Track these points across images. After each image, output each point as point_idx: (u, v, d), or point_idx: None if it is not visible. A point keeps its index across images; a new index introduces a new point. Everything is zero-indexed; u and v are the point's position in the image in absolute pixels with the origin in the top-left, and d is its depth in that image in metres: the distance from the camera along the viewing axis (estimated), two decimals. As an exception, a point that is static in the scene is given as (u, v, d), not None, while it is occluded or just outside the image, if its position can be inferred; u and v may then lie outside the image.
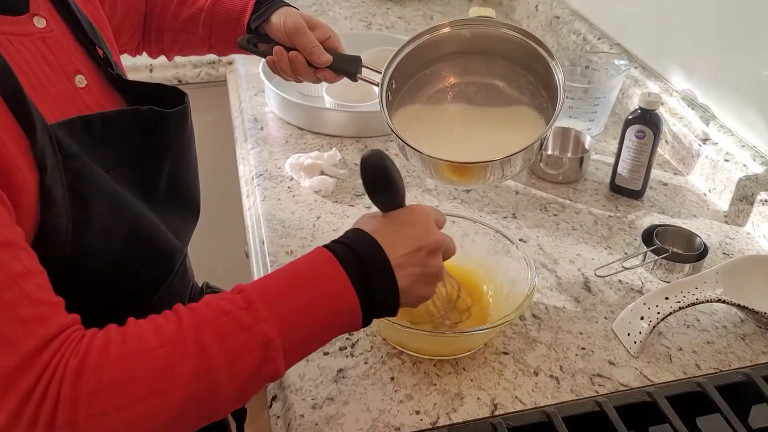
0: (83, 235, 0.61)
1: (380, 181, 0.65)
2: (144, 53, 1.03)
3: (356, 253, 0.61)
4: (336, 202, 1.06)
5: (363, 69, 0.93)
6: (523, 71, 0.89)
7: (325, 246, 0.63)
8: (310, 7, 1.76)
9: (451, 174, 0.85)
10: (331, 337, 0.62)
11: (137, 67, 1.47)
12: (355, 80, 0.93)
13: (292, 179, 1.10)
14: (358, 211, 1.04)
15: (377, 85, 0.89)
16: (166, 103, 0.73)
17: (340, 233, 0.99)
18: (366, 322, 0.62)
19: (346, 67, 0.93)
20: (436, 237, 0.66)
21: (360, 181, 1.10)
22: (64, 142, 0.60)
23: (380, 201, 0.67)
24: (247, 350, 0.55)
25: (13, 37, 0.62)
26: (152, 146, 0.72)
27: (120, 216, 0.65)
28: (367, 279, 0.61)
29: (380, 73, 0.89)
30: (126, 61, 1.44)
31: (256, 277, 0.95)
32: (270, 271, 0.90)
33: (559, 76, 0.83)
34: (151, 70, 1.48)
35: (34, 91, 0.62)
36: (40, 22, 0.66)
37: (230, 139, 1.33)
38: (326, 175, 1.09)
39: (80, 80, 0.69)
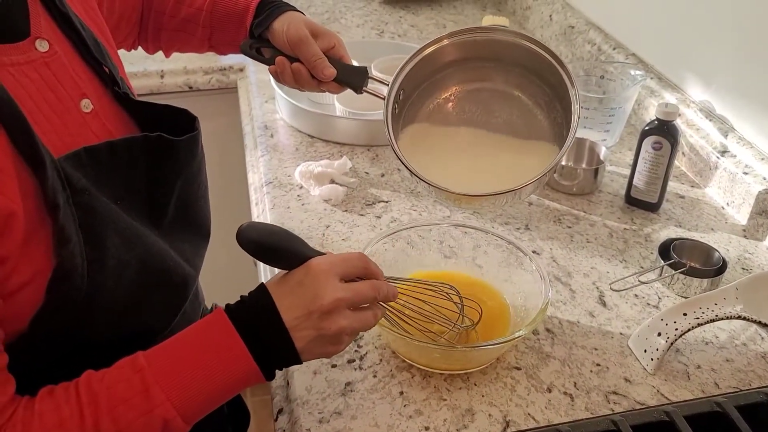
0: (98, 273, 0.59)
1: (261, 253, 0.65)
2: (140, 48, 1.01)
3: (253, 317, 0.62)
4: (346, 211, 1.04)
5: (369, 81, 0.91)
6: (539, 81, 0.87)
7: (226, 307, 0.63)
8: (322, 15, 1.75)
9: (457, 201, 0.83)
10: (236, 393, 0.63)
11: (149, 73, 1.47)
12: (360, 93, 0.91)
13: (301, 187, 1.09)
14: (368, 220, 1.02)
15: (383, 98, 0.86)
16: (176, 125, 0.71)
17: (349, 243, 0.98)
18: (270, 378, 0.63)
19: (351, 79, 0.90)
20: (328, 299, 0.62)
21: (372, 191, 1.09)
22: (72, 176, 0.59)
23: (276, 266, 0.67)
24: None
25: (14, 68, 0.60)
26: (161, 174, 0.70)
27: (133, 249, 0.63)
28: (263, 343, 0.61)
29: (387, 85, 0.86)
30: (137, 67, 1.46)
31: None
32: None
33: (576, 108, 0.80)
34: (162, 77, 1.48)
35: (38, 124, 0.60)
36: (42, 46, 0.63)
37: (240, 146, 1.32)
38: (336, 183, 1.08)
39: (86, 105, 0.66)
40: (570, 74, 0.81)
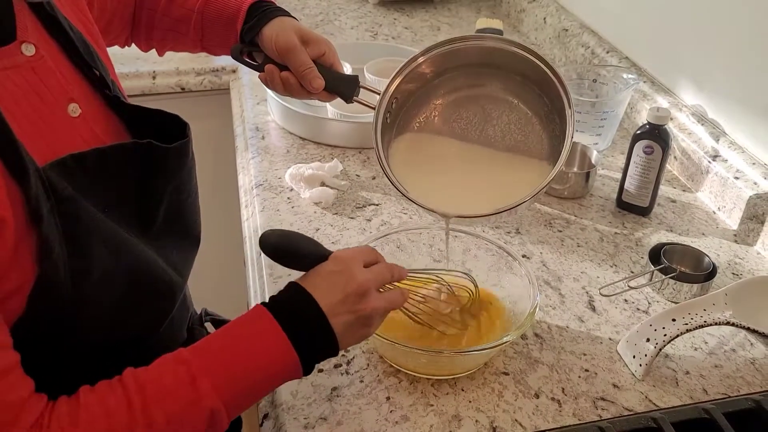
0: (83, 284, 0.59)
1: (285, 257, 0.68)
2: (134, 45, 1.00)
3: (292, 308, 0.64)
4: (336, 214, 1.04)
5: (361, 90, 0.89)
6: (539, 91, 0.84)
7: (263, 303, 0.64)
8: (316, 17, 1.75)
9: (447, 218, 0.81)
10: (275, 388, 0.66)
11: (140, 74, 1.46)
12: (350, 102, 0.90)
13: (292, 190, 1.09)
14: (358, 223, 1.02)
15: (374, 108, 0.84)
16: (167, 130, 0.71)
17: (339, 246, 0.97)
18: (308, 371, 0.64)
19: (341, 89, 0.89)
20: (361, 280, 0.65)
21: (363, 193, 1.09)
22: (58, 185, 0.58)
23: (296, 268, 0.69)
24: (193, 424, 0.58)
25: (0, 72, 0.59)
26: (151, 181, 0.69)
27: (119, 259, 0.63)
28: (304, 332, 0.63)
29: (379, 94, 0.85)
30: (129, 68, 1.45)
31: (252, 291, 0.93)
32: (266, 282, 0.90)
33: (570, 129, 0.78)
34: (154, 78, 1.47)
35: (24, 130, 0.59)
36: (28, 50, 0.62)
37: (231, 148, 1.31)
38: (327, 186, 1.08)
39: (74, 109, 0.65)
40: (568, 93, 0.78)
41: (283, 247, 0.68)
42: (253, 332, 0.62)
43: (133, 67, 1.46)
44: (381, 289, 0.69)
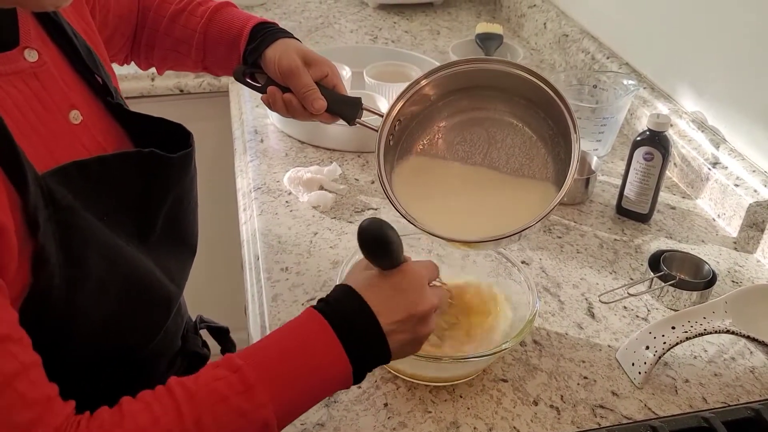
0: (77, 295, 0.58)
1: (380, 249, 0.64)
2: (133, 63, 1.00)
3: (349, 321, 0.61)
4: (334, 218, 1.03)
5: (363, 111, 0.89)
6: (543, 114, 0.82)
7: (318, 309, 0.61)
8: (316, 20, 1.75)
9: (453, 245, 0.80)
10: (321, 400, 0.62)
11: (139, 76, 1.45)
12: (353, 125, 0.89)
13: (290, 193, 1.08)
14: (356, 228, 1.01)
15: (376, 130, 0.83)
16: (170, 139, 0.70)
17: (337, 251, 0.96)
18: (358, 381, 0.62)
19: (343, 111, 0.89)
20: (428, 304, 0.64)
21: (361, 197, 1.09)
22: (57, 193, 0.57)
23: (378, 265, 0.66)
24: None
25: (1, 78, 0.58)
26: (152, 190, 0.68)
27: (115, 270, 0.62)
28: (360, 347, 0.60)
29: (382, 116, 0.83)
30: (128, 69, 1.44)
31: (249, 294, 0.92)
32: (263, 286, 0.89)
33: (576, 153, 0.76)
34: (153, 79, 1.47)
35: (24, 136, 0.58)
36: (31, 56, 0.62)
37: (229, 150, 1.31)
38: (325, 190, 1.07)
39: (75, 116, 0.65)
40: (573, 116, 0.77)
41: (383, 240, 0.62)
42: (310, 344, 0.59)
43: (132, 68, 1.44)
44: None
